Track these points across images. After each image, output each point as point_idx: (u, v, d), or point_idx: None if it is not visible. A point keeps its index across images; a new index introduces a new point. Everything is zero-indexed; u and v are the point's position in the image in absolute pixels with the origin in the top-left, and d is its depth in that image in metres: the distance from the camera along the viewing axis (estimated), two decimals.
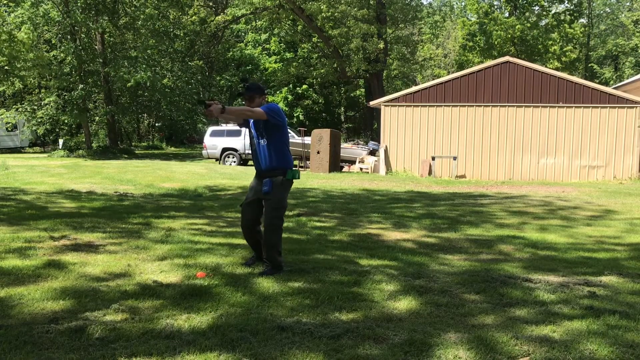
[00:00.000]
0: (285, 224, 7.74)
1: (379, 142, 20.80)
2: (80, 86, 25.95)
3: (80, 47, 25.78)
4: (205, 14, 37.88)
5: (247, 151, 22.38)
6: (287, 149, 4.97)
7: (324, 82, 36.99)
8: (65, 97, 26.48)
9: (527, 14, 35.46)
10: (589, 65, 42.81)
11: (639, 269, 5.43)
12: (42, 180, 13.72)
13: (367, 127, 34.62)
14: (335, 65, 31.42)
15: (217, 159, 22.93)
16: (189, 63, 35.66)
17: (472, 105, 18.63)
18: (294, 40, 35.70)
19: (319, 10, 27.85)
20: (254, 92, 4.87)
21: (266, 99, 5.00)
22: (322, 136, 19.08)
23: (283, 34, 35.99)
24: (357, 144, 23.87)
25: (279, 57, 36.75)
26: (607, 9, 48.41)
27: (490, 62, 20.27)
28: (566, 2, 36.37)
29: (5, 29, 21.06)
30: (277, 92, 37.60)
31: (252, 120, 4.90)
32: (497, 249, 6.42)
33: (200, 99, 4.47)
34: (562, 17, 35.52)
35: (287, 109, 36.95)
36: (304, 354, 3.15)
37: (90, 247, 5.72)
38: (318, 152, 19.03)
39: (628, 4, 46.38)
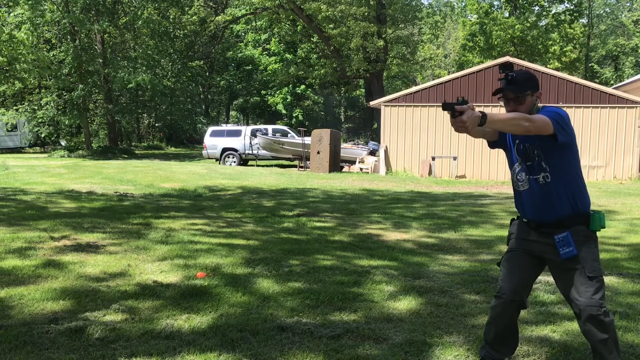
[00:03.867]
0: (285, 224, 7.79)
1: (379, 142, 20.80)
2: (80, 86, 25.96)
3: (80, 48, 25.79)
4: (205, 14, 37.89)
5: (247, 151, 22.40)
6: (582, 183, 2.89)
7: (324, 82, 37.00)
8: (65, 97, 26.48)
9: (527, 14, 35.46)
10: (589, 65, 42.81)
11: (638, 269, 5.43)
12: (42, 181, 13.71)
13: (367, 127, 34.63)
14: (335, 65, 31.42)
15: (217, 159, 22.93)
16: (189, 63, 35.69)
17: None
18: (293, 40, 35.70)
19: (319, 10, 27.85)
20: (524, 86, 2.85)
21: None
22: (322, 136, 19.07)
23: (283, 34, 35.99)
24: (357, 144, 23.87)
25: (278, 57, 36.77)
26: (607, 9, 48.40)
27: (490, 62, 20.26)
28: (566, 2, 36.38)
29: (5, 30, 21.06)
30: (277, 92, 37.62)
31: (510, 137, 3.00)
32: (497, 249, 6.41)
33: (447, 103, 2.12)
34: (562, 17, 35.53)
35: (285, 111, 37.00)
36: (304, 354, 3.15)
37: (90, 248, 5.72)
38: (318, 152, 19.03)
39: (628, 4, 46.38)
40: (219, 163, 22.57)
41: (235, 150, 22.60)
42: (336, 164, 19.68)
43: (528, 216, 2.90)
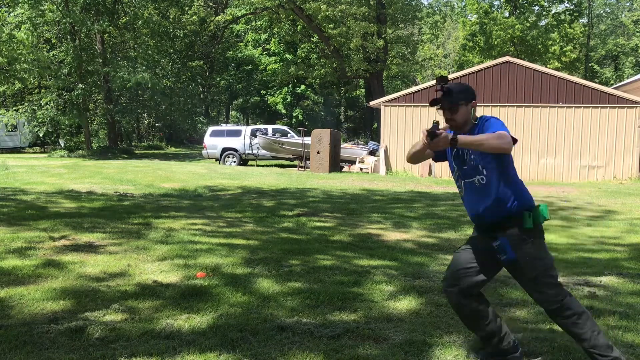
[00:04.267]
0: (285, 224, 7.79)
1: (379, 142, 20.79)
2: (80, 86, 25.96)
3: (80, 48, 25.79)
4: (205, 14, 37.89)
5: (247, 151, 22.40)
6: (519, 182, 3.11)
7: (324, 82, 37.00)
8: (65, 97, 26.48)
9: (527, 13, 35.46)
10: (589, 65, 42.81)
11: (639, 270, 5.43)
12: (42, 181, 13.71)
13: (367, 127, 34.62)
14: (335, 65, 31.42)
15: (217, 159, 22.93)
16: (189, 63, 35.68)
17: None
18: (293, 40, 35.70)
19: (319, 10, 27.85)
20: (457, 97, 3.00)
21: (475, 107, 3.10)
22: (322, 136, 19.07)
23: (283, 34, 35.99)
24: (357, 144, 23.86)
25: (278, 57, 36.77)
26: (607, 9, 48.40)
27: (490, 62, 20.26)
28: (566, 2, 36.39)
29: (5, 30, 21.07)
30: (277, 92, 37.61)
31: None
32: None
33: (433, 131, 2.52)
34: (562, 17, 35.53)
35: (285, 111, 37.00)
36: (304, 354, 3.15)
37: (90, 247, 5.72)
38: (318, 152, 19.03)
39: (628, 4, 46.38)
40: (219, 163, 22.57)
41: (235, 150, 22.60)
42: (336, 164, 19.68)
43: (472, 219, 3.16)
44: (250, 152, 22.34)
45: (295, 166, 21.70)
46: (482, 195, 2.97)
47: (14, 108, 28.18)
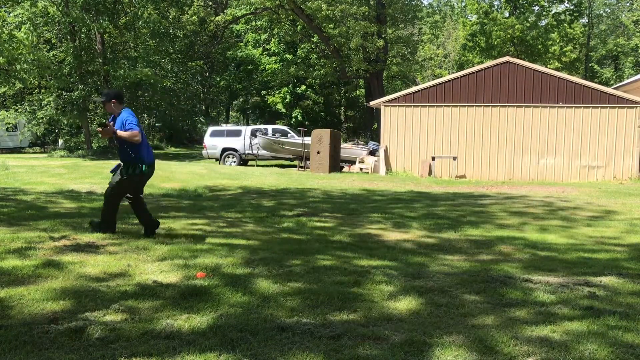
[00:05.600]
0: (285, 224, 7.81)
1: (378, 142, 20.80)
2: (80, 86, 25.94)
3: (80, 48, 25.77)
4: (205, 14, 37.87)
5: (247, 151, 22.40)
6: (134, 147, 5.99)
7: (324, 82, 36.99)
8: (65, 97, 26.48)
9: (526, 14, 35.46)
10: (589, 65, 42.81)
11: (639, 270, 5.43)
12: (42, 181, 13.71)
13: (367, 127, 34.60)
14: (335, 65, 31.41)
15: (217, 159, 22.93)
16: (189, 63, 35.66)
17: (472, 106, 18.63)
18: (293, 40, 35.69)
19: (319, 9, 27.84)
20: (108, 98, 6.05)
21: (123, 106, 6.13)
22: (322, 136, 19.08)
23: (283, 34, 35.98)
24: (357, 144, 23.87)
25: (278, 57, 36.75)
26: (607, 9, 48.40)
27: (490, 62, 20.27)
28: (566, 2, 36.39)
29: (5, 30, 21.06)
30: (277, 92, 37.59)
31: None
32: (497, 249, 6.42)
33: (104, 124, 5.63)
34: (562, 17, 35.52)
35: (284, 107, 36.99)
36: (304, 354, 3.15)
37: (90, 248, 5.72)
38: (318, 152, 19.03)
39: (628, 4, 46.38)
40: (219, 163, 22.57)
41: (235, 150, 22.61)
42: (336, 164, 19.69)
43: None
44: (250, 152, 22.34)
45: (295, 166, 21.70)
46: (118, 152, 6.09)
47: (14, 108, 28.16)
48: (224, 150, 22.71)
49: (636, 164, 18.02)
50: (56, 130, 34.60)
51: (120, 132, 5.81)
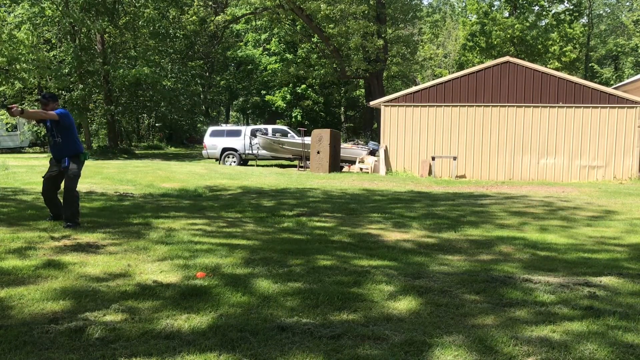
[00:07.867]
0: (285, 224, 7.80)
1: (379, 142, 20.80)
2: (80, 86, 25.94)
3: (80, 47, 25.77)
4: (205, 13, 37.87)
5: (247, 151, 22.41)
6: (78, 140, 7.10)
7: (324, 82, 36.98)
8: (65, 97, 26.49)
9: (526, 13, 35.46)
10: (589, 65, 42.81)
11: (638, 269, 5.43)
12: (42, 181, 13.69)
13: (367, 127, 34.60)
14: (335, 65, 31.40)
15: (217, 159, 22.93)
16: (189, 63, 35.66)
17: (472, 106, 18.63)
18: (293, 40, 35.69)
19: (319, 9, 27.84)
20: (48, 100, 6.84)
21: (58, 106, 7.08)
22: (322, 136, 19.08)
23: (283, 33, 35.99)
24: (357, 144, 23.88)
25: (278, 57, 36.75)
26: (607, 9, 48.42)
27: (490, 62, 20.26)
28: (566, 2, 36.39)
29: (5, 30, 21.07)
30: (277, 92, 37.58)
31: (48, 121, 6.78)
32: (497, 249, 6.42)
33: (4, 104, 7.32)
34: (562, 17, 35.52)
35: (284, 105, 37.00)
36: (304, 354, 3.15)
37: (90, 247, 5.72)
38: (318, 152, 19.03)
39: (628, 4, 46.39)
40: (219, 163, 22.57)
41: (235, 150, 22.61)
42: (336, 164, 19.69)
43: (55, 157, 7.13)
44: (250, 152, 22.34)
45: (295, 166, 21.70)
46: (60, 147, 6.98)
47: None
48: (224, 150, 22.71)
49: (636, 164, 18.01)
50: None
51: (29, 110, 7.21)
